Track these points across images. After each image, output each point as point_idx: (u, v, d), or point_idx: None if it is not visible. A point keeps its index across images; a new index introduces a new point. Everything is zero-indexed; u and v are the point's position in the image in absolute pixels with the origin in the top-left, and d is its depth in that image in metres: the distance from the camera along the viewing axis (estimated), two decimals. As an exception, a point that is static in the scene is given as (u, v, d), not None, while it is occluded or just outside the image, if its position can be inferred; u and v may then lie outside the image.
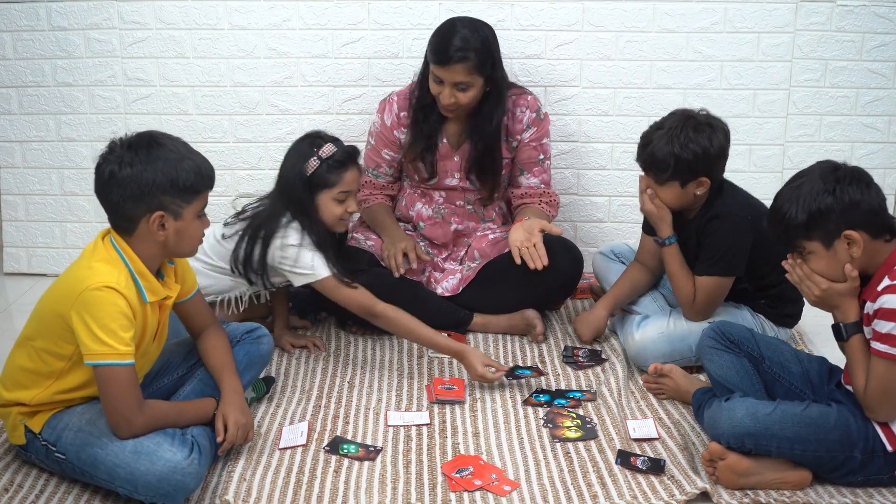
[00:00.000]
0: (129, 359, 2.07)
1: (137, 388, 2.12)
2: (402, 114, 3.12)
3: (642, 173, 2.73)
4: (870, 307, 2.12)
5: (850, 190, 2.09)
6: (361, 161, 2.86)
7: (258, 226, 2.77)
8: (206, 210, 2.26)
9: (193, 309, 2.39)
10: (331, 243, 2.79)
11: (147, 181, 2.09)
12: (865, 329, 2.14)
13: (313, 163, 2.72)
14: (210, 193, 2.21)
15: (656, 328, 2.81)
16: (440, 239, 3.21)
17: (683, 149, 2.59)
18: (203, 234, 2.26)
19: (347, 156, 2.77)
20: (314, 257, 2.73)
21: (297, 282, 2.76)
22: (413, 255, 3.01)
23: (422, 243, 3.22)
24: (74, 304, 2.04)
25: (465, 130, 3.11)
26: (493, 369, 2.66)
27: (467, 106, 2.99)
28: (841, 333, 2.19)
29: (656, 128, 2.68)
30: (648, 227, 2.87)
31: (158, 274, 2.23)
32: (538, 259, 2.87)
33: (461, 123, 3.11)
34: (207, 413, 2.27)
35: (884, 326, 2.06)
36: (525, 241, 2.90)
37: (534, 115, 3.11)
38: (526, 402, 2.62)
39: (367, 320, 2.95)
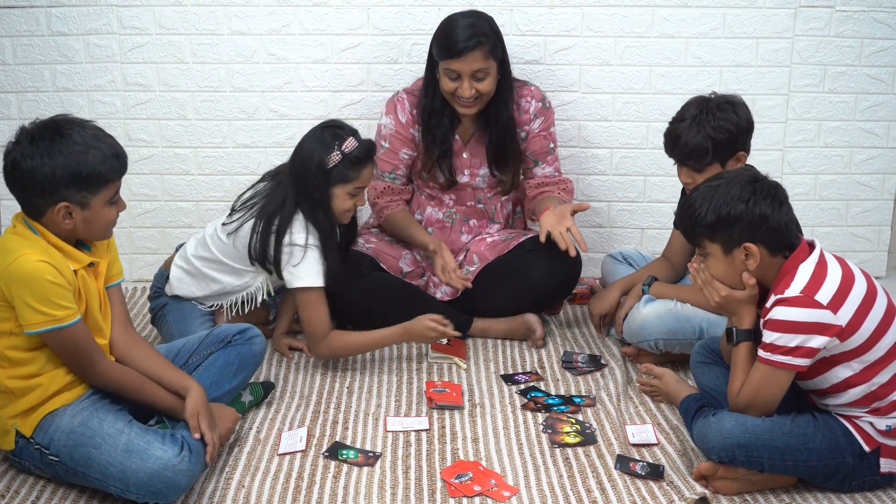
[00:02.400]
0: (71, 319, 2.10)
1: (91, 342, 2.16)
2: (414, 111, 3.11)
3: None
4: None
5: (762, 204, 2.13)
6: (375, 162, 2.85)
7: (270, 214, 2.73)
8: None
9: (117, 299, 2.34)
10: (336, 238, 2.78)
11: (46, 175, 2.06)
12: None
13: (336, 156, 2.69)
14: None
15: (664, 305, 2.82)
16: (446, 244, 3.21)
17: (717, 130, 2.62)
18: (116, 218, 2.22)
19: (367, 151, 2.75)
20: (316, 266, 2.71)
21: (289, 283, 2.73)
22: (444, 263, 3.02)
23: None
24: (3, 280, 2.07)
25: (474, 125, 3.11)
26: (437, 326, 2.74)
27: (487, 95, 2.98)
28: (732, 338, 2.25)
29: (678, 120, 2.70)
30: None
31: (81, 245, 2.22)
32: (571, 244, 2.88)
33: (469, 119, 3.10)
34: (174, 401, 2.25)
35: (769, 336, 2.12)
36: (557, 225, 2.91)
37: (539, 104, 3.11)
38: (525, 407, 2.62)
39: (365, 322, 2.96)
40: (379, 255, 3.10)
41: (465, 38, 2.88)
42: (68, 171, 2.07)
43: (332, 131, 2.72)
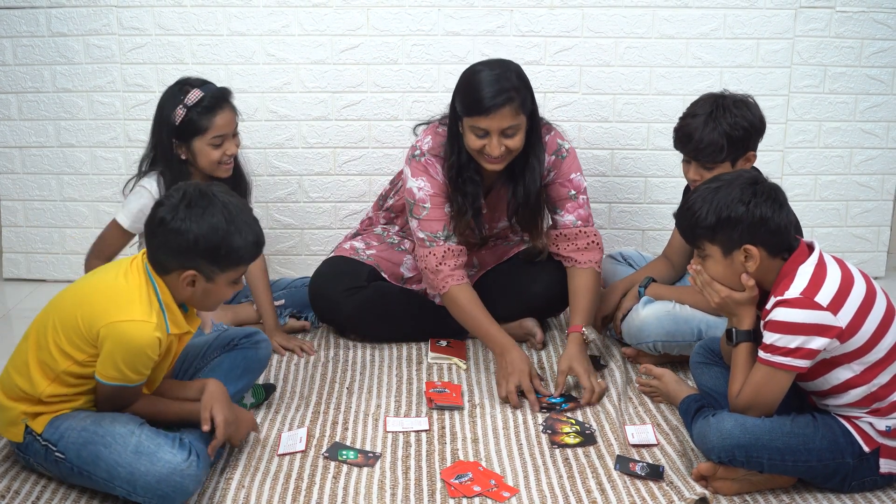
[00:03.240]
0: (138, 382, 2.15)
1: (138, 397, 2.21)
2: (443, 172, 2.88)
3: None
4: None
5: (763, 206, 2.13)
6: (234, 100, 2.85)
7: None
8: None
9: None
10: None
11: (189, 241, 2.09)
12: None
13: (179, 111, 2.72)
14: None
15: (663, 307, 2.82)
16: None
17: (733, 127, 2.63)
18: (230, 297, 2.26)
19: (216, 99, 2.76)
20: (133, 207, 2.77)
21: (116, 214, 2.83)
22: (529, 384, 2.65)
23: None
24: (107, 328, 2.06)
25: (495, 179, 2.91)
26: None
27: (517, 151, 2.71)
28: (732, 339, 2.26)
29: (690, 116, 2.69)
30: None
31: (182, 306, 2.23)
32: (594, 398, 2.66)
33: (491, 173, 2.85)
34: (190, 407, 2.27)
35: (769, 337, 2.12)
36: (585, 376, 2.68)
37: (552, 157, 2.86)
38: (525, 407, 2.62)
39: (365, 332, 2.95)
40: (380, 262, 3.08)
41: (493, 94, 2.60)
42: (210, 243, 2.09)
43: (178, 87, 2.77)
